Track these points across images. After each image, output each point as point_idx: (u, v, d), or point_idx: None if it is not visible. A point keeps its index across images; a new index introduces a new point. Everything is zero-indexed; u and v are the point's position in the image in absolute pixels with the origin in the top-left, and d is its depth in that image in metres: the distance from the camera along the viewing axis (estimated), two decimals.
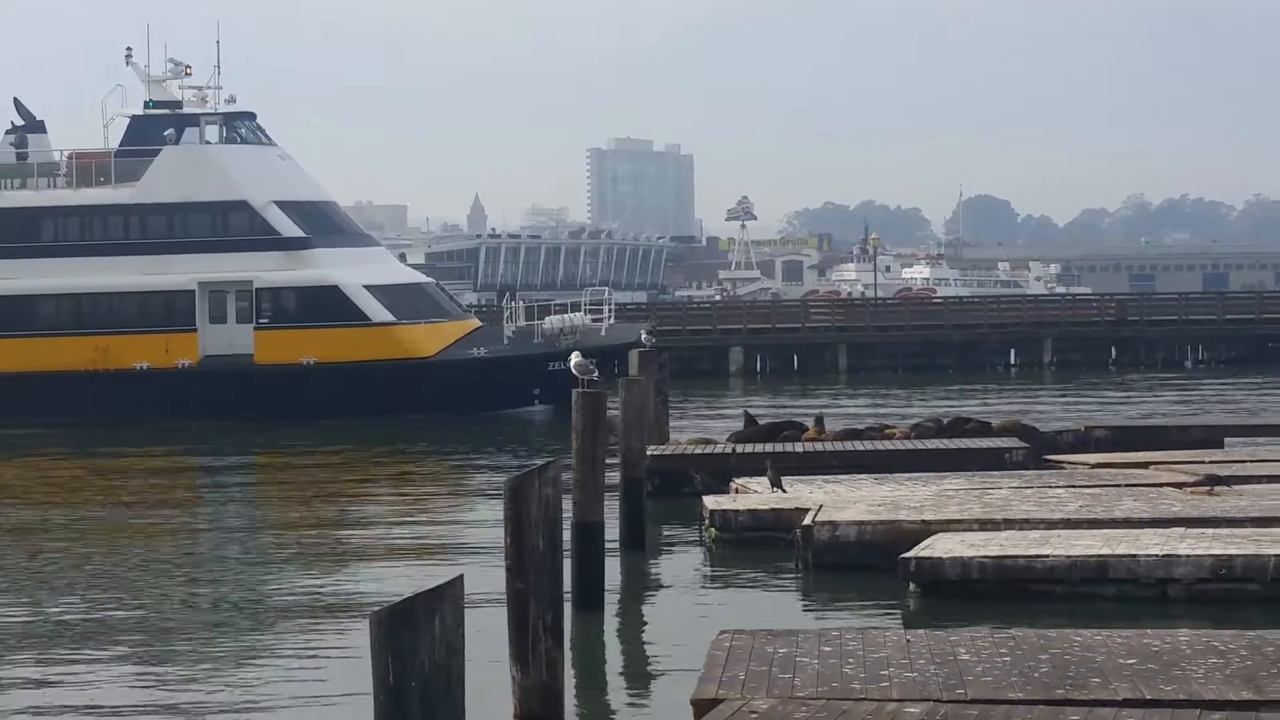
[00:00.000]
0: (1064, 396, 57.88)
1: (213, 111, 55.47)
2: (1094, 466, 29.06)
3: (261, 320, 52.90)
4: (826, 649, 14.34)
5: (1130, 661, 13.69)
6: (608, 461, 20.90)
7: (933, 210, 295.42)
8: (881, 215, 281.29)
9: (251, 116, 56.05)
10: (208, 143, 55.00)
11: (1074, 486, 25.92)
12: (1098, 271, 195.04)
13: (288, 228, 53.57)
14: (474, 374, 52.87)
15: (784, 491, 25.65)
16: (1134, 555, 19.36)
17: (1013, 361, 76.00)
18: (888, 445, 32.40)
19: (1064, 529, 21.51)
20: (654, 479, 29.05)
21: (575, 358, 23.95)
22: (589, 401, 20.30)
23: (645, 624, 19.88)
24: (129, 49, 55.88)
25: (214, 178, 53.68)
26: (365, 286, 53.12)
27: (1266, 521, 21.56)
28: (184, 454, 42.52)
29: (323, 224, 55.07)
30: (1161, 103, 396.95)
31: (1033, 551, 19.70)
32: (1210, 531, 20.68)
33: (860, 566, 20.99)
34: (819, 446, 32.39)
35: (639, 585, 22.15)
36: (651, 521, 25.81)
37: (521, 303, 60.09)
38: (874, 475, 28.15)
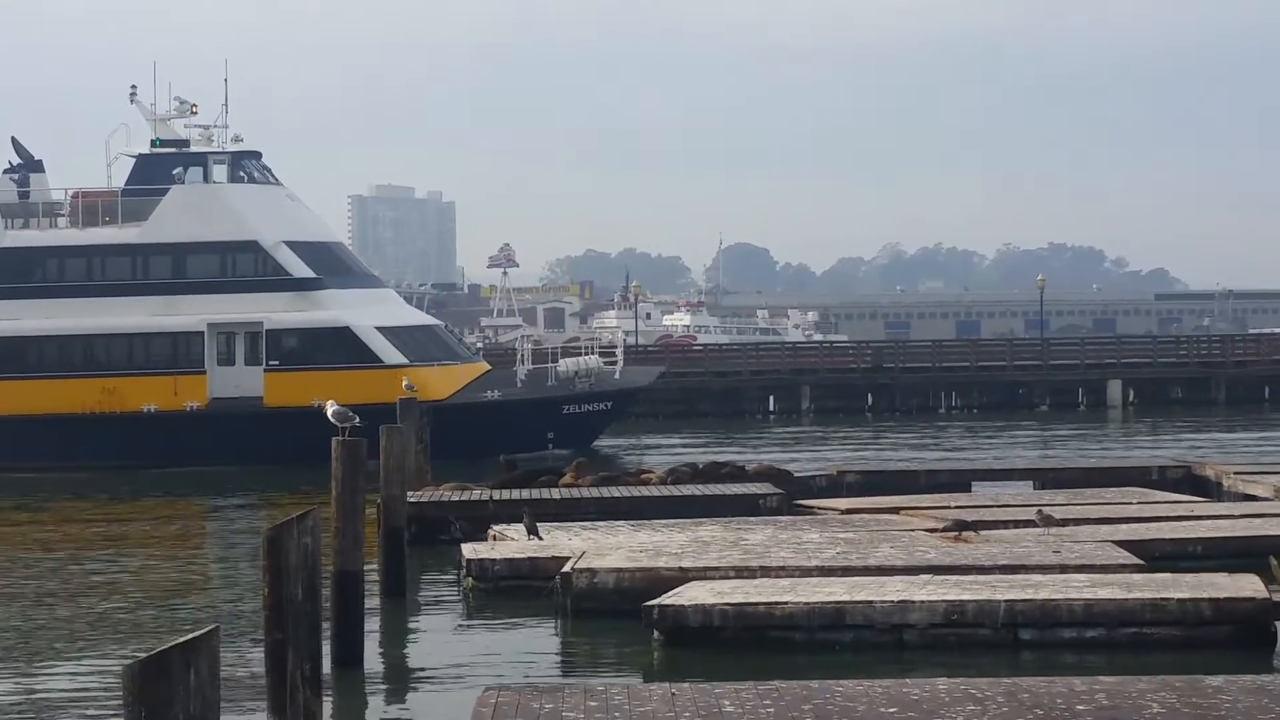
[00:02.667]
0: (821, 442, 58.83)
1: (220, 150, 54.57)
2: (845, 511, 29.68)
3: (271, 362, 52.03)
4: (593, 704, 14.45)
5: (891, 710, 14.03)
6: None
7: (693, 258, 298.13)
8: (643, 263, 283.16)
9: (258, 155, 55.15)
10: (215, 182, 54.05)
11: (829, 532, 26.42)
12: (854, 319, 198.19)
13: (298, 268, 52.73)
14: (488, 417, 52.09)
15: (540, 539, 25.86)
16: (870, 601, 19.71)
17: (771, 408, 77.00)
18: (644, 491, 32.75)
19: (819, 575, 21.95)
20: (412, 526, 29.15)
21: (332, 406, 23.94)
22: (348, 450, 20.37)
23: (407, 675, 19.92)
24: (134, 87, 55.01)
25: (223, 217, 52.74)
26: (377, 328, 52.40)
27: (1012, 569, 22.20)
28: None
29: (332, 264, 54.23)
30: (916, 152, 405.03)
31: (773, 599, 19.99)
32: (954, 578, 21.23)
33: (619, 614, 21.12)
34: (576, 493, 32.66)
35: (400, 635, 22.20)
36: (412, 569, 25.88)
37: (530, 345, 59.63)
38: (631, 522, 28.48)
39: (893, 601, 19.71)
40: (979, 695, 14.55)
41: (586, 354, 56.98)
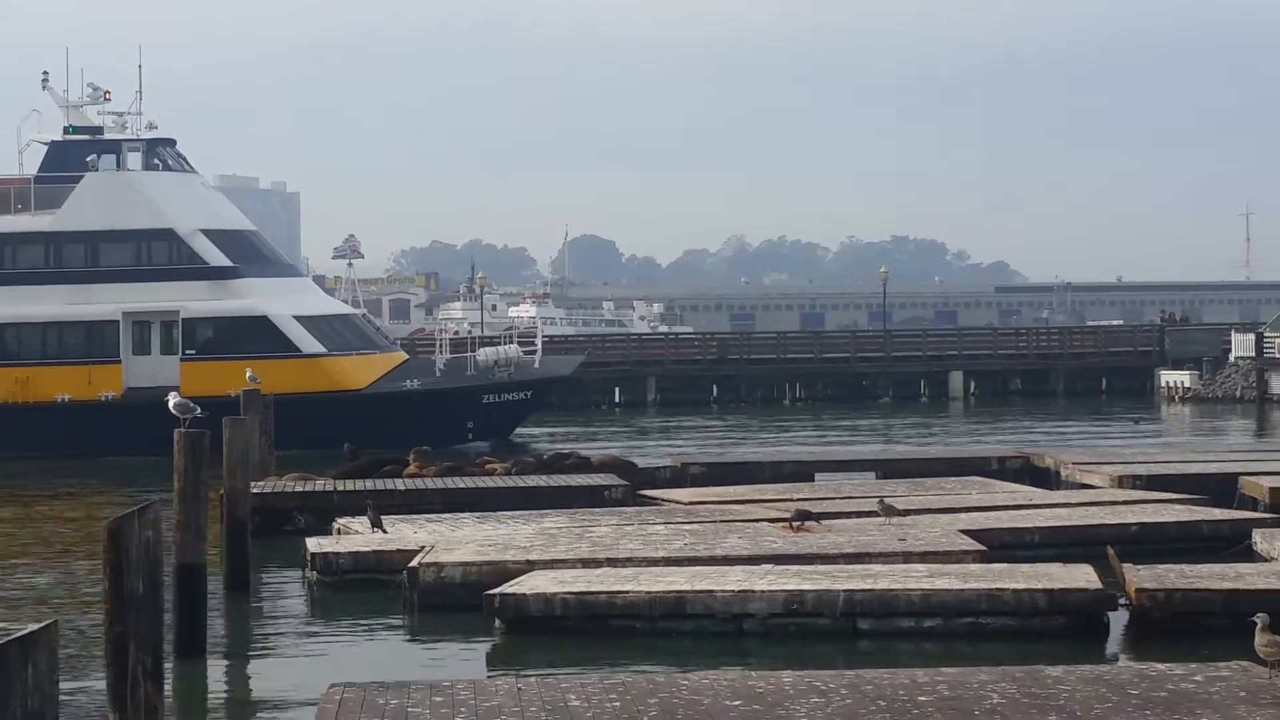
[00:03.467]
0: (667, 434, 59.04)
1: (134, 138, 53.65)
2: (689, 503, 29.80)
3: (188, 351, 51.26)
4: (438, 699, 14.43)
5: (736, 703, 14.13)
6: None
7: (539, 250, 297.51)
8: (489, 254, 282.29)
9: (172, 143, 54.21)
10: (129, 170, 53.06)
11: (673, 523, 26.53)
12: (700, 311, 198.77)
13: (215, 256, 51.99)
14: (407, 407, 51.55)
15: (385, 532, 25.74)
16: (710, 591, 19.85)
17: (617, 400, 77.16)
18: (489, 482, 32.72)
19: (665, 566, 22.04)
20: (256, 518, 28.90)
21: (174, 398, 23.68)
22: (190, 443, 20.18)
23: (250, 669, 19.77)
24: (45, 73, 53.91)
25: (138, 205, 51.90)
26: (295, 317, 51.74)
27: (856, 557, 22.42)
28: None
29: (249, 253, 53.43)
30: (761, 145, 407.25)
31: (614, 588, 20.10)
32: (795, 568, 21.40)
33: (466, 608, 21.01)
34: (421, 484, 32.55)
35: (243, 629, 22.02)
36: (255, 562, 25.68)
37: (448, 335, 58.87)
38: (476, 513, 28.43)
39: (733, 591, 19.83)
40: (823, 687, 14.69)
41: (506, 343, 56.80)
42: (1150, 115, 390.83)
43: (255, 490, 29.51)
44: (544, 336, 62.68)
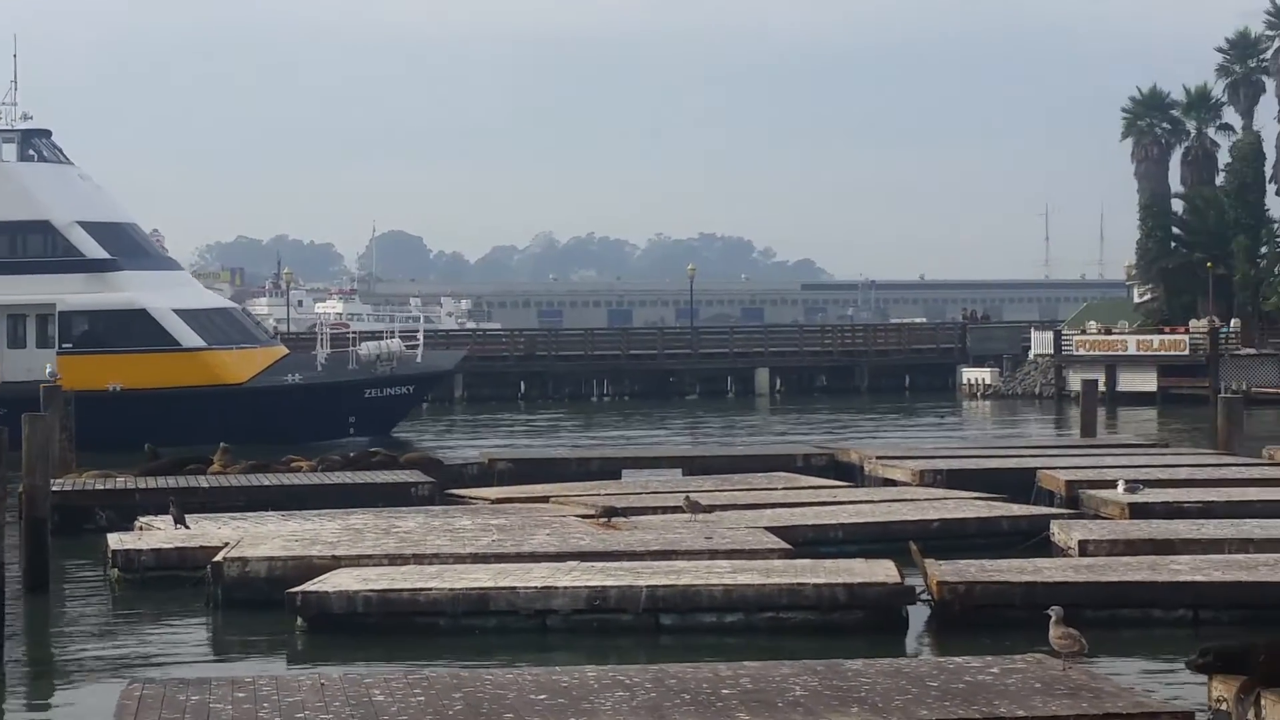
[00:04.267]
0: (473, 430, 58.95)
1: (9, 128, 52.32)
2: (496, 499, 29.82)
3: (65, 345, 50.00)
4: (240, 695, 14.36)
5: (541, 697, 14.21)
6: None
7: (346, 245, 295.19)
8: (295, 250, 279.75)
9: (48, 134, 52.89)
10: (4, 161, 51.76)
11: (482, 519, 26.53)
12: (508, 307, 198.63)
13: (92, 249, 50.81)
14: (288, 402, 50.70)
15: (188, 529, 25.48)
16: (514, 588, 19.87)
17: (424, 396, 76.80)
18: (295, 479, 32.50)
19: (471, 563, 22.04)
20: (56, 516, 28.43)
21: None
22: None
23: (50, 670, 19.43)
24: None
25: (13, 196, 50.57)
26: (174, 310, 50.62)
27: (662, 554, 22.56)
28: None
29: (127, 246, 52.28)
30: (570, 141, 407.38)
31: (417, 585, 20.04)
32: (600, 564, 21.49)
33: (272, 604, 20.77)
34: (226, 481, 32.26)
35: (43, 629, 21.65)
36: (56, 561, 25.28)
37: (329, 329, 57.92)
38: (281, 511, 28.23)
39: (536, 588, 19.87)
40: (627, 681, 14.79)
41: (388, 338, 56.39)
42: (954, 115, 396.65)
43: (55, 488, 29.04)
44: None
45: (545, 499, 29.65)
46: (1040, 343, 78.03)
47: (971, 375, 78.81)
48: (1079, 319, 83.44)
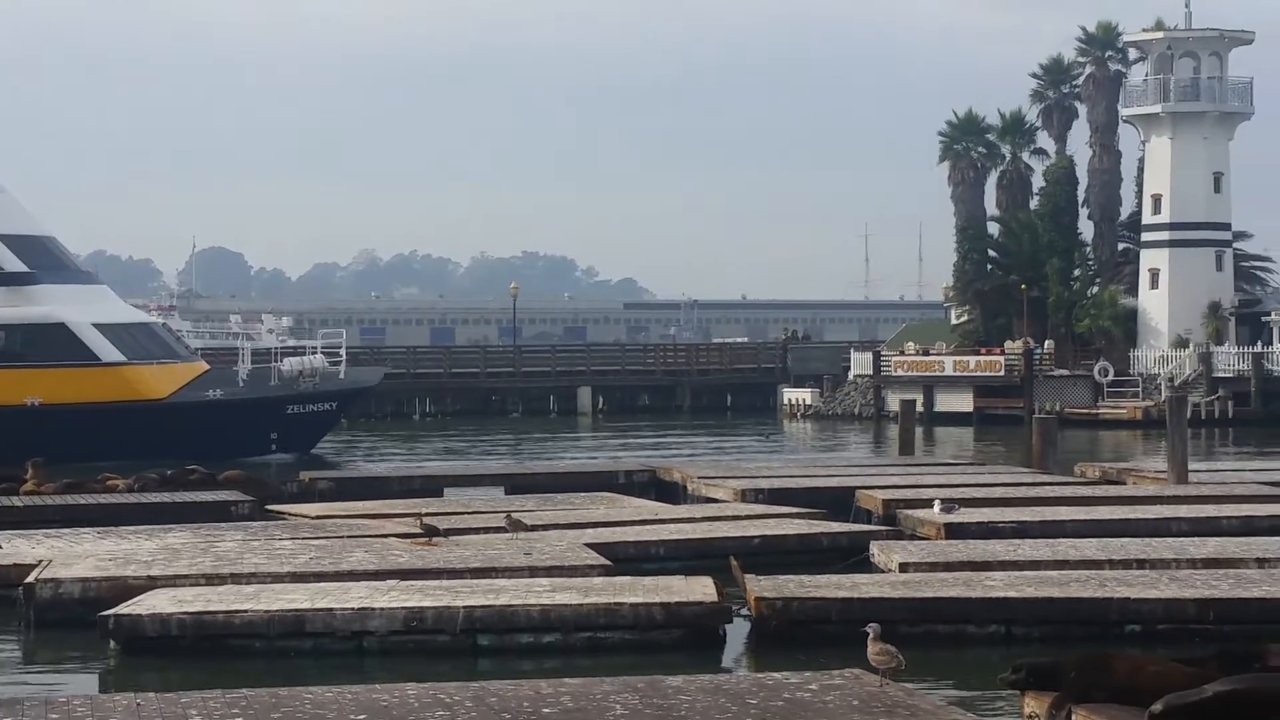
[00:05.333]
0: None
1: None
2: (316, 517, 29.63)
3: None
4: (54, 716, 14.14)
5: (361, 717, 14.09)
6: None
7: (166, 261, 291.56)
8: (113, 265, 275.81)
9: None
10: None
11: (301, 538, 26.34)
12: (329, 324, 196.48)
13: (10, 262, 49.52)
14: (209, 418, 49.70)
15: (0, 547, 25.05)
16: (330, 609, 19.72)
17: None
18: (112, 498, 32.08)
19: (291, 581, 21.86)
20: None
21: None
22: None
23: None
24: None
25: None
26: (94, 325, 49.39)
27: (482, 572, 22.52)
28: None
29: (46, 259, 50.94)
30: (391, 159, 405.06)
31: (233, 607, 19.83)
32: (418, 584, 21.40)
33: (86, 625, 20.37)
34: (40, 500, 31.78)
35: None
36: None
37: (250, 344, 56.65)
38: (97, 529, 27.84)
39: (353, 609, 19.74)
40: (448, 700, 14.76)
41: (310, 353, 55.59)
42: (776, 137, 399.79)
43: None
44: None
45: (366, 517, 29.49)
46: (860, 363, 78.89)
47: (792, 395, 79.50)
48: (898, 340, 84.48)
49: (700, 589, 20.65)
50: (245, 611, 19.69)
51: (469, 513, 30.04)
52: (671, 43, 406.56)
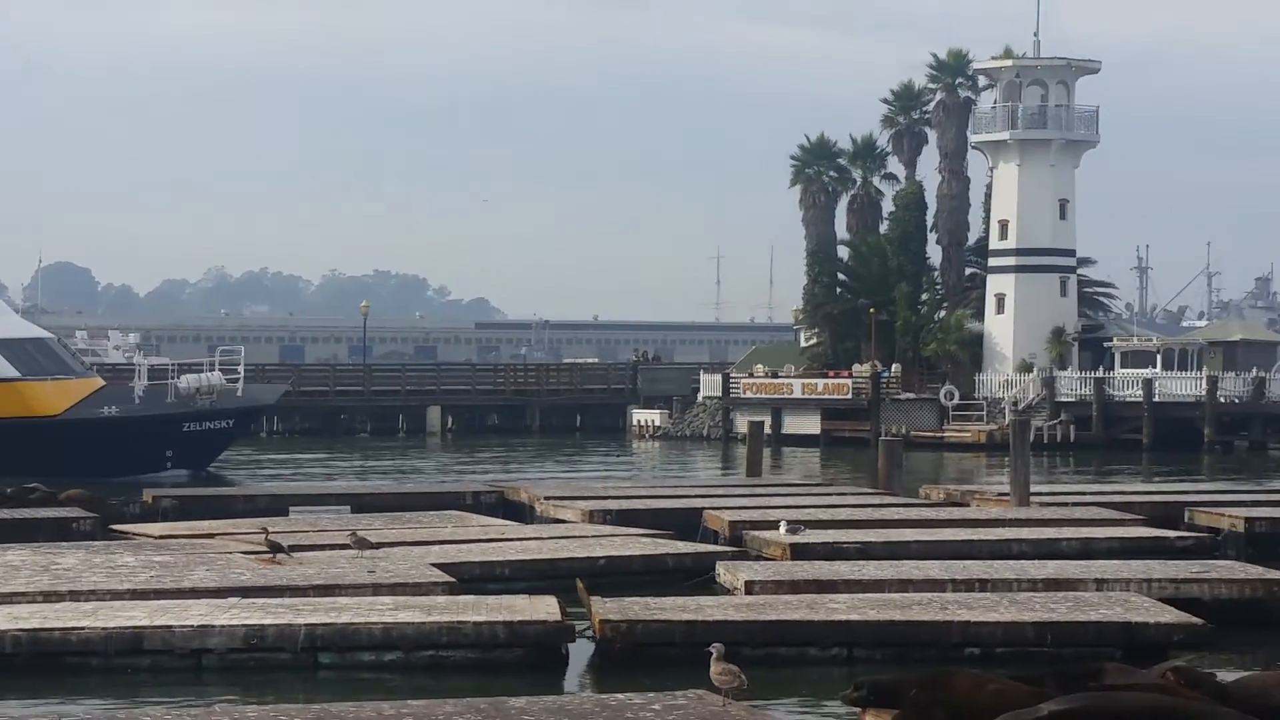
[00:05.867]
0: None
1: None
2: (160, 536, 29.28)
3: None
4: None
5: None
6: None
7: (10, 276, 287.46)
8: None
9: None
10: None
11: (144, 556, 26.03)
12: (178, 342, 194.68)
13: None
14: (104, 435, 48.64)
15: None
16: (169, 626, 19.51)
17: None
18: None
19: (132, 599, 21.59)
20: None
21: None
22: None
23: None
24: None
25: None
26: None
27: (325, 590, 22.37)
28: None
29: None
30: (242, 175, 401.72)
31: (70, 624, 19.57)
32: (260, 601, 21.22)
33: None
34: None
35: None
36: None
37: (148, 361, 55.29)
38: None
39: (192, 626, 19.53)
40: None
41: (209, 370, 54.64)
42: (628, 158, 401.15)
43: None
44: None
45: (210, 535, 29.21)
46: (709, 385, 79.21)
47: (641, 416, 79.66)
48: (747, 362, 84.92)
49: (544, 608, 20.62)
50: (82, 629, 19.42)
51: (315, 530, 29.83)
52: (527, 61, 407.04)
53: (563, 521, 32.95)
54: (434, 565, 24.65)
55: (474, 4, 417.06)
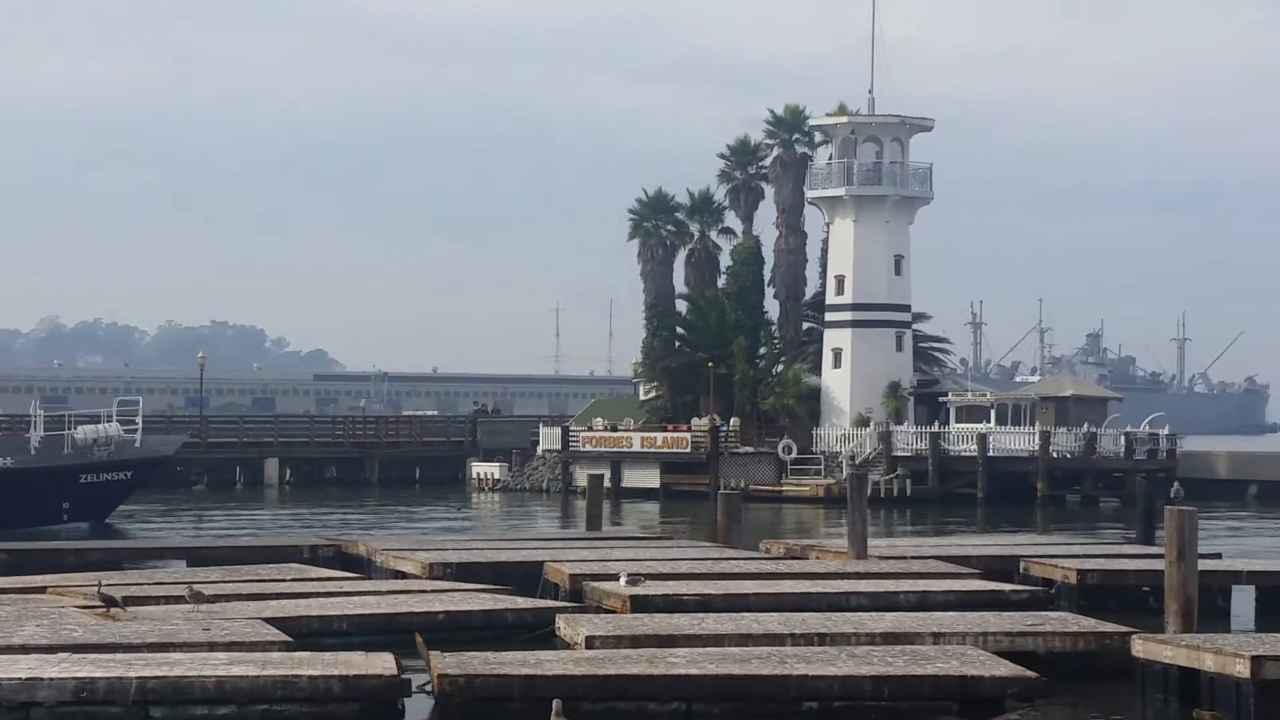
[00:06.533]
0: None
1: None
2: None
3: None
4: None
5: None
6: None
7: None
8: None
9: None
10: None
11: None
12: (9, 393, 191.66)
13: None
14: None
15: None
16: None
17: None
18: None
19: None
20: None
21: None
22: None
23: None
24: None
25: None
26: None
27: (159, 646, 22.06)
28: None
29: None
30: (70, 225, 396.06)
31: None
32: (92, 655, 20.83)
33: None
34: None
35: None
36: None
37: (43, 411, 53.37)
38: None
39: (21, 679, 19.20)
40: None
41: (106, 421, 53.27)
42: (467, 208, 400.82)
43: None
44: None
45: (42, 589, 28.72)
46: (549, 438, 79.14)
47: (481, 469, 79.41)
48: (586, 415, 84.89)
49: (380, 663, 20.47)
50: None
51: (150, 584, 29.44)
52: (367, 109, 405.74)
53: (403, 575, 32.77)
54: (270, 620, 24.39)
55: (338, 48, 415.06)
